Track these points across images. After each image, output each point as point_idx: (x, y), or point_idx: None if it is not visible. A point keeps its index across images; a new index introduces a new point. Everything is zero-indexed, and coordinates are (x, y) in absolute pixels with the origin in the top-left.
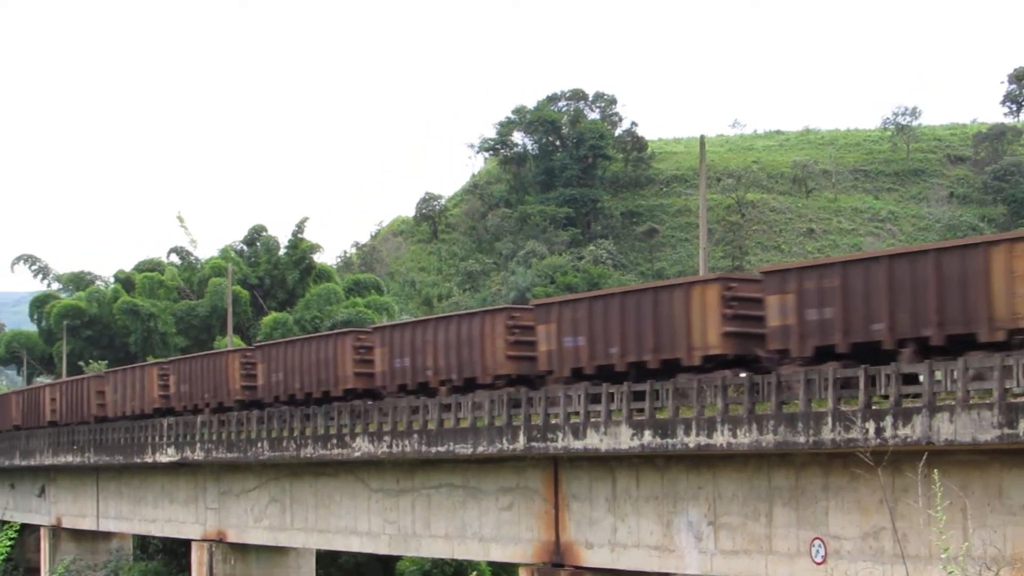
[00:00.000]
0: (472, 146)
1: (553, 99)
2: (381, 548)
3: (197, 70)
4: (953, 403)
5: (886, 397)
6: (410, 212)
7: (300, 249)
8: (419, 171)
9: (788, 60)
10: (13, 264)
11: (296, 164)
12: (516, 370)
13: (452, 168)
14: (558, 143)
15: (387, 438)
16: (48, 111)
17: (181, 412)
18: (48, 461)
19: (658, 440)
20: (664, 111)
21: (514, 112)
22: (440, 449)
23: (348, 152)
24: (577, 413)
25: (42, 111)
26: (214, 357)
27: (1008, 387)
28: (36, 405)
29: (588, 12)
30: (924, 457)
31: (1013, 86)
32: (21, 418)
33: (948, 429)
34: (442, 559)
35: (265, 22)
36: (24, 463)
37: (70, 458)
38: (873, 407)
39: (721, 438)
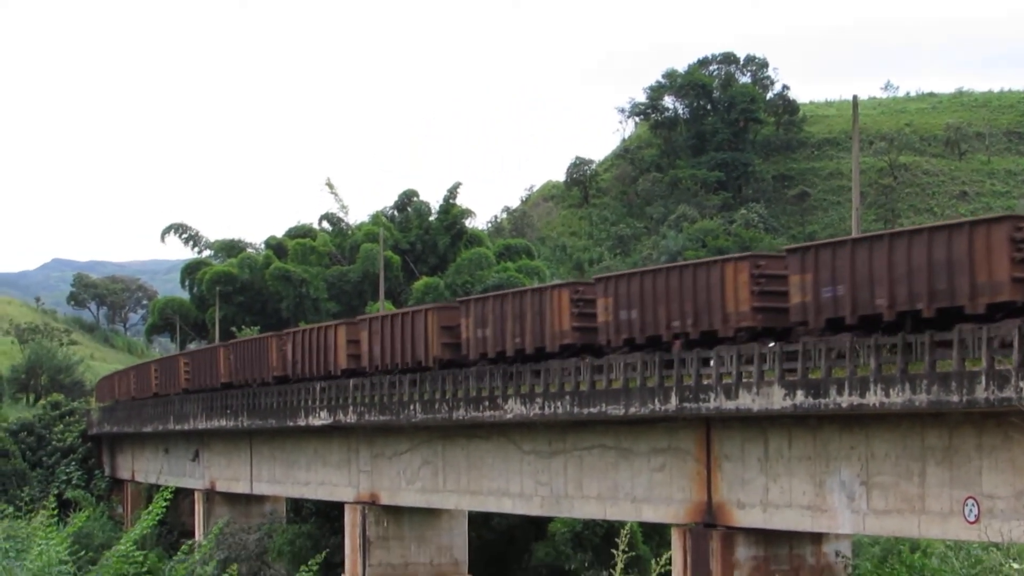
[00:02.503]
0: (623, 111)
1: (704, 63)
2: (533, 510)
3: (346, 33)
4: None
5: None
6: (561, 177)
7: (451, 214)
8: (570, 136)
9: (941, 21)
10: (164, 233)
11: (448, 129)
12: (762, 322)
13: (603, 133)
14: (709, 107)
15: (539, 400)
16: (199, 79)
17: (372, 373)
18: (202, 426)
19: (810, 400)
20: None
21: (665, 76)
22: (592, 410)
23: (500, 118)
24: (729, 373)
25: (193, 80)
26: (410, 315)
27: None
28: (208, 366)
29: None
30: None
31: None
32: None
33: None
34: (594, 520)
35: None
36: (178, 427)
37: (223, 422)
38: None
39: (874, 398)
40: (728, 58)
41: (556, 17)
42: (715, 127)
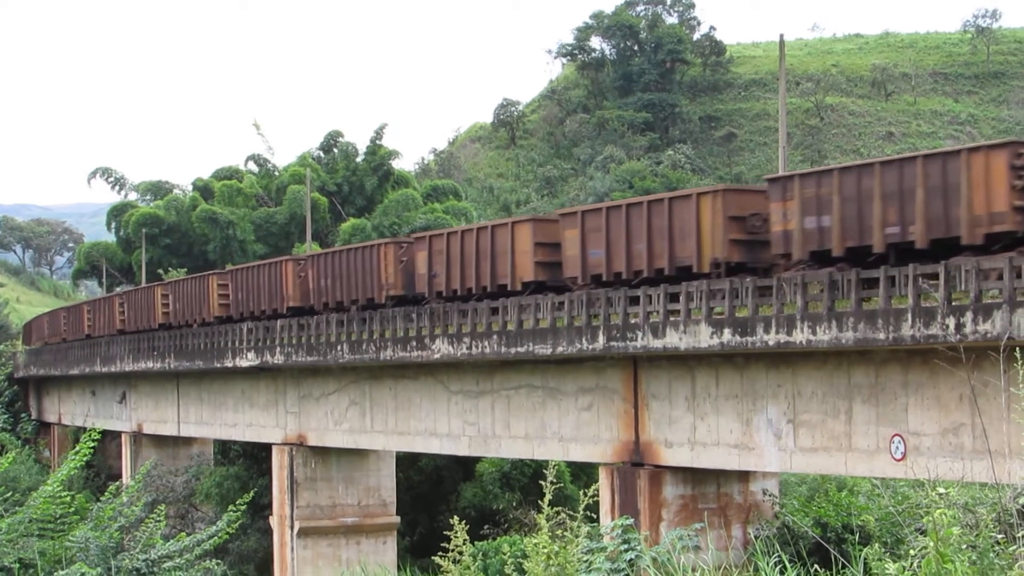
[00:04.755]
0: (550, 51)
1: (631, 4)
2: (461, 450)
3: None
4: None
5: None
6: (488, 118)
7: (378, 155)
8: (497, 78)
9: None
10: (90, 177)
11: (373, 70)
12: (739, 257)
13: (530, 74)
14: (636, 48)
15: (466, 339)
16: (122, 22)
17: (321, 311)
18: (128, 367)
19: (737, 338)
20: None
21: (592, 17)
22: (520, 350)
23: (425, 59)
24: (656, 312)
25: (115, 22)
26: (366, 250)
27: None
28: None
29: None
30: (1004, 353)
31: None
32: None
33: None
34: (521, 460)
35: None
36: (105, 370)
37: (150, 364)
38: (953, 303)
39: (800, 335)
40: None
41: None
42: (642, 68)
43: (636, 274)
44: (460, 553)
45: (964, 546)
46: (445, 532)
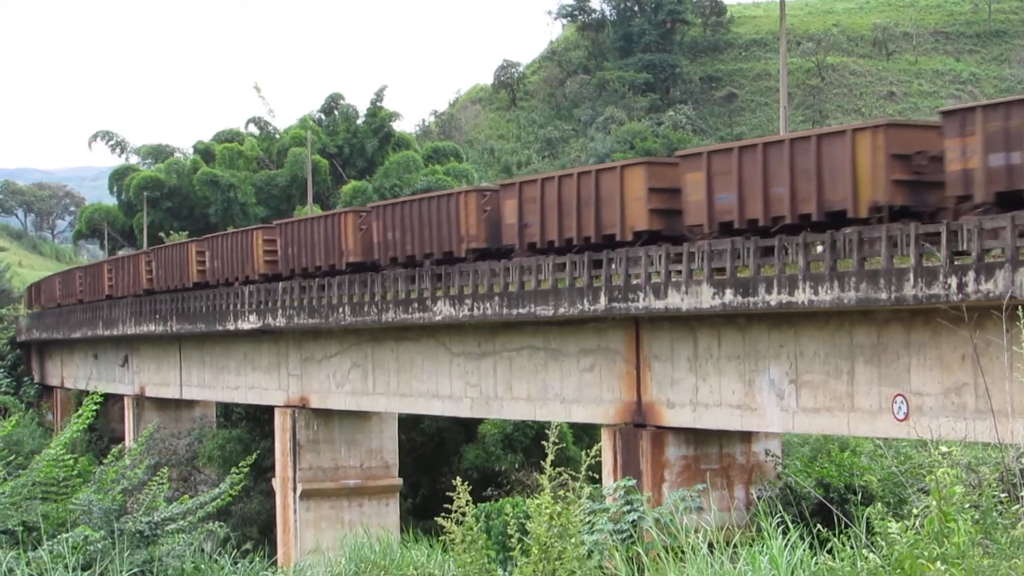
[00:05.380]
0: (550, 12)
1: None
2: (463, 411)
3: None
4: None
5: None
6: (488, 80)
7: (379, 117)
8: (497, 39)
9: None
10: (91, 140)
11: (373, 32)
12: (903, 200)
13: (530, 35)
14: (636, 8)
15: (468, 301)
16: None
17: (386, 267)
18: (131, 331)
19: (739, 298)
20: None
21: None
22: (521, 311)
23: (426, 21)
24: (659, 273)
25: None
26: (443, 199)
27: None
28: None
29: None
30: (1006, 312)
31: None
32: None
33: None
34: (523, 422)
35: None
36: (107, 333)
37: (152, 327)
38: (955, 262)
39: (803, 295)
40: None
41: None
42: (642, 28)
43: (775, 220)
44: (463, 514)
45: (967, 505)
46: (448, 494)
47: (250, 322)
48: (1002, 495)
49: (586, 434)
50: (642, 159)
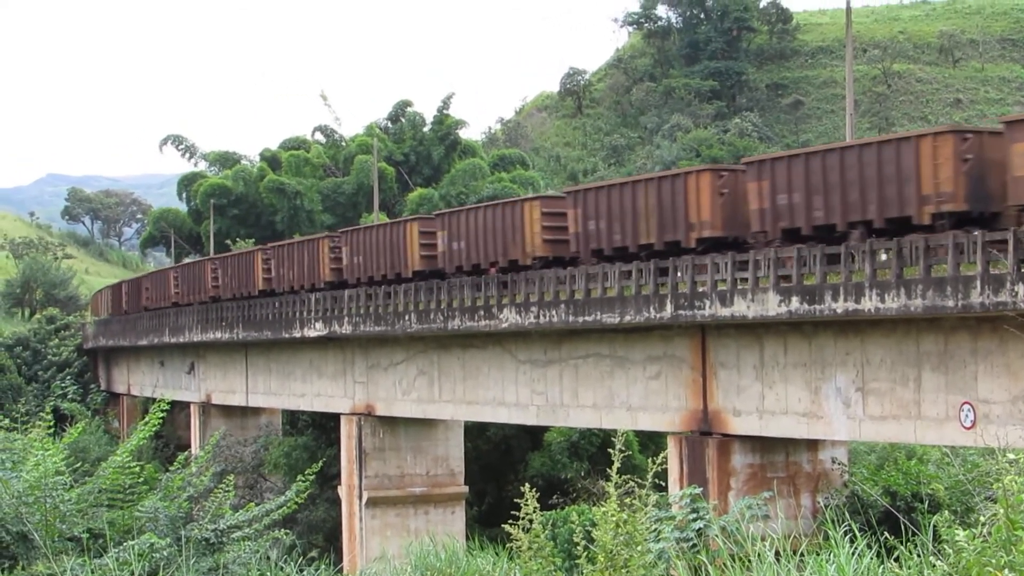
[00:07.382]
0: (616, 20)
1: None
2: (529, 419)
3: None
4: None
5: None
6: (554, 87)
7: (445, 125)
8: (563, 47)
9: None
10: (161, 145)
11: (440, 40)
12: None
13: (596, 43)
14: (702, 16)
15: (534, 308)
16: None
17: (452, 275)
18: (197, 338)
19: (806, 306)
20: None
21: None
22: (587, 319)
23: (492, 28)
24: (724, 280)
25: None
26: (507, 207)
27: None
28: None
29: None
30: None
31: None
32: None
33: None
34: (589, 429)
35: None
36: (173, 340)
37: (219, 334)
38: (1023, 270)
39: (869, 303)
40: None
41: None
42: (708, 36)
43: (851, 225)
44: (530, 522)
45: None
46: (515, 501)
47: (316, 329)
48: None
49: (652, 442)
50: (707, 166)
